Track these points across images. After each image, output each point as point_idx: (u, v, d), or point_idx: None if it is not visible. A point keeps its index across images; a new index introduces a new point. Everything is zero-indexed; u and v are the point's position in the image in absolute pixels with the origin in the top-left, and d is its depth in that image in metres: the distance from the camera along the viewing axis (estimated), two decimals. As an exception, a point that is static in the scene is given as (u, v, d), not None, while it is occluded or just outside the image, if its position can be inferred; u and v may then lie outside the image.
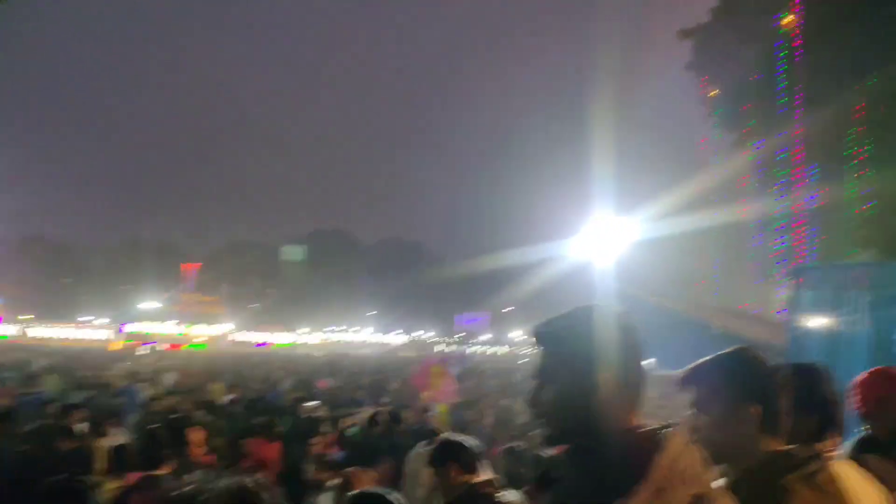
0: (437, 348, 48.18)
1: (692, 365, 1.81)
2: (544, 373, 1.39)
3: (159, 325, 58.16)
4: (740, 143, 21.02)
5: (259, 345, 58.42)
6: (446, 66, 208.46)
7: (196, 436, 5.31)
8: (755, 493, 1.55)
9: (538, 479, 3.29)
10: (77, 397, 11.81)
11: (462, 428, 9.85)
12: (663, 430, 1.30)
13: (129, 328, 56.91)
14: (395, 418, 8.82)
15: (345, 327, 68.18)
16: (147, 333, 54.43)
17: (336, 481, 4.79)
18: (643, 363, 1.40)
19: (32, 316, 65.44)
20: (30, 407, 10.43)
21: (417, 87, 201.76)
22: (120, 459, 5.13)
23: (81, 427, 8.90)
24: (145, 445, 6.66)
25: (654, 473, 1.20)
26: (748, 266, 22.66)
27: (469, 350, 49.09)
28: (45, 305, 70.17)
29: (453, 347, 45.86)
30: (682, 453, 1.25)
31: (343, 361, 32.93)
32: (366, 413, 10.63)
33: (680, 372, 1.85)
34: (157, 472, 4.32)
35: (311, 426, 8.64)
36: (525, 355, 42.23)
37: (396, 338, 66.79)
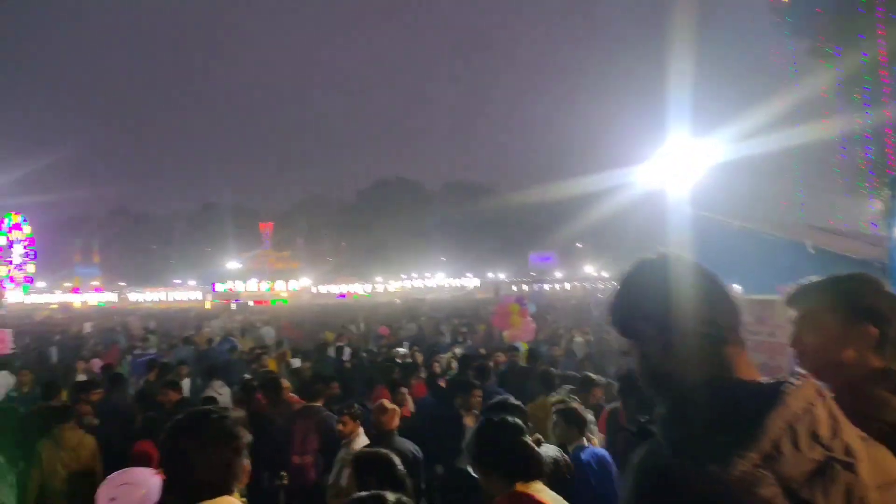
0: (513, 288, 48.31)
1: (802, 284, 1.79)
2: (635, 339, 1.30)
3: (242, 284, 60.53)
4: (816, 52, 19.46)
5: (340, 296, 60.04)
6: None
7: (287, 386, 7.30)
8: (855, 405, 1.51)
9: (636, 434, 3.10)
10: (181, 354, 12.57)
11: (551, 363, 10.05)
12: (785, 384, 1.13)
13: (219, 288, 59.50)
14: (533, 355, 9.55)
15: (416, 275, 68.94)
16: (237, 292, 56.93)
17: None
18: (731, 309, 1.27)
19: (124, 284, 69.29)
20: (139, 367, 11.23)
21: (478, 17, 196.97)
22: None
23: (185, 381, 9.52)
24: (242, 396, 7.17)
25: (768, 430, 1.05)
26: (835, 181, 21.42)
27: (543, 288, 49.06)
28: (136, 272, 74.11)
29: (527, 287, 45.79)
30: (808, 411, 1.09)
31: (422, 307, 33.58)
32: (451, 355, 10.91)
33: (788, 290, 1.83)
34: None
35: (408, 372, 8.83)
36: (599, 291, 41.89)
37: (470, 281, 67.19)
